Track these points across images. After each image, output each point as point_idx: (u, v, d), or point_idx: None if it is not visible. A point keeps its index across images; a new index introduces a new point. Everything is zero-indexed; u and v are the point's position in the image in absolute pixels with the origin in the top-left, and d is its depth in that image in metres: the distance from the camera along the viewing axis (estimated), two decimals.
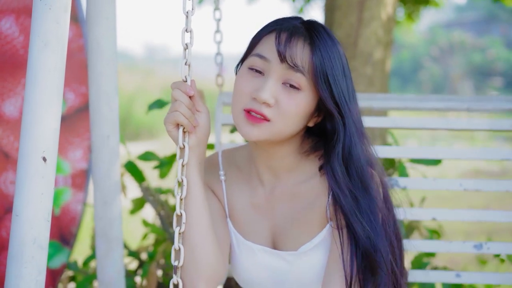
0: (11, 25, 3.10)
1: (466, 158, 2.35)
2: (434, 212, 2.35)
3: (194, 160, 1.69)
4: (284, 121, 1.68)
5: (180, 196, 1.63)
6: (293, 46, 1.66)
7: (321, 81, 1.67)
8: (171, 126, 1.66)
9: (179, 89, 1.66)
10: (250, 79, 1.70)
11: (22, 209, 1.59)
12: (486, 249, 2.32)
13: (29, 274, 1.59)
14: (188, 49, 1.62)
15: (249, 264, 1.88)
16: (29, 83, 1.60)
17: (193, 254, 1.70)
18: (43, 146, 1.59)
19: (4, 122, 3.13)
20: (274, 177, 1.85)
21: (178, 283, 1.60)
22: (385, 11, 3.45)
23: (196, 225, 1.70)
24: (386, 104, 2.41)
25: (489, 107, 2.37)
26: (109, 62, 2.11)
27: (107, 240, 2.25)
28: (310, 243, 1.81)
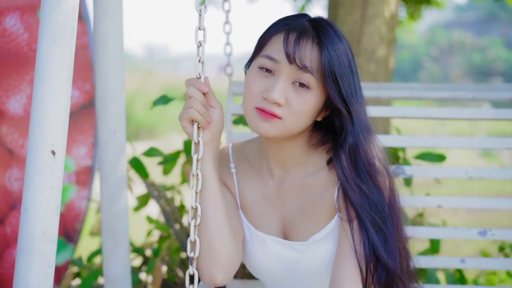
0: (16, 22, 3.11)
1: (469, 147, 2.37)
2: (440, 200, 2.37)
3: (208, 154, 1.73)
4: (295, 119, 1.72)
5: (196, 190, 1.66)
6: (302, 48, 1.69)
7: (330, 80, 1.70)
8: (186, 122, 1.70)
9: (193, 86, 1.70)
10: (260, 78, 1.73)
11: (31, 203, 1.59)
12: (490, 235, 2.34)
13: (38, 267, 1.59)
14: (201, 47, 1.64)
15: (261, 254, 1.92)
16: (38, 77, 1.61)
17: (211, 245, 1.75)
18: (51, 140, 1.60)
19: (9, 119, 3.13)
20: (283, 170, 1.89)
21: (194, 274, 1.63)
22: (389, 8, 3.46)
23: (212, 217, 1.74)
24: (392, 93, 2.42)
25: (495, 96, 2.37)
26: (115, 57, 2.12)
27: (113, 234, 2.26)
28: (319, 233, 1.85)
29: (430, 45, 22.82)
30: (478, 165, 9.73)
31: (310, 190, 1.87)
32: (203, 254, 1.76)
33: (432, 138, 2.39)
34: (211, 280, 1.79)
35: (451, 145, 2.38)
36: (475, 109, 2.37)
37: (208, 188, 1.74)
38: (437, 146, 2.37)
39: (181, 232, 2.73)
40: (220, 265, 1.77)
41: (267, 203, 1.92)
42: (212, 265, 1.76)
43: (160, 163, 2.78)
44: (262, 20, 14.57)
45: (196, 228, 1.65)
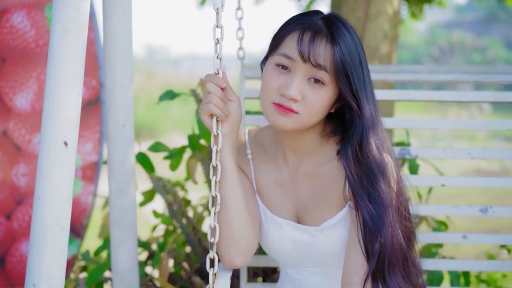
0: (23, 19, 3.13)
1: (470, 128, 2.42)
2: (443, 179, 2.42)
3: (227, 146, 1.82)
4: (311, 113, 1.79)
5: (215, 180, 1.72)
6: (316, 47, 1.75)
7: (342, 76, 1.76)
8: (205, 116, 1.78)
9: (212, 81, 1.77)
10: (277, 75, 1.80)
11: (44, 192, 1.62)
12: (491, 212, 2.38)
13: (51, 256, 1.62)
14: (219, 44, 1.69)
15: (276, 236, 2.00)
16: (50, 69, 1.63)
17: (231, 231, 1.85)
18: (64, 131, 1.62)
19: (16, 115, 3.16)
20: (297, 158, 1.96)
21: (214, 258, 1.71)
22: (391, 6, 3.49)
23: (232, 205, 1.84)
24: (397, 76, 2.46)
25: (497, 79, 2.41)
26: (124, 52, 2.15)
27: (121, 228, 2.28)
28: (332, 219, 1.93)
29: (430, 45, 22.86)
30: (478, 165, 9.75)
31: (322, 178, 1.94)
32: (223, 240, 1.86)
33: (437, 121, 2.45)
34: (231, 263, 1.90)
35: (456, 127, 2.44)
36: (476, 92, 2.41)
37: (227, 178, 1.83)
38: (440, 127, 2.43)
39: (187, 225, 2.76)
40: (240, 249, 1.88)
41: (282, 188, 2.00)
42: (232, 249, 1.88)
43: (165, 157, 2.80)
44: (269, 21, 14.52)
45: (216, 215, 1.72)
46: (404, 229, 1.89)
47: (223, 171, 1.82)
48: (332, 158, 1.93)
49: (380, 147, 1.86)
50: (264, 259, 2.48)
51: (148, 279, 2.74)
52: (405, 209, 1.92)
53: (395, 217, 1.83)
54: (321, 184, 1.94)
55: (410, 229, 1.95)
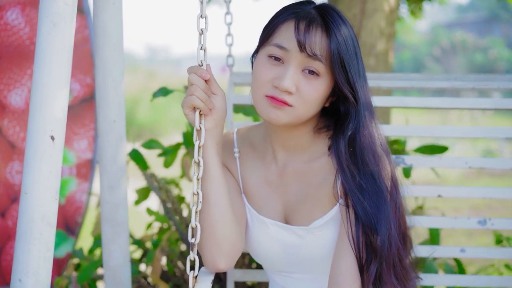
0: (17, 16, 3.12)
1: (472, 136, 2.37)
2: (440, 189, 2.37)
3: (211, 142, 1.75)
4: (305, 106, 1.74)
5: (197, 176, 1.67)
6: (312, 36, 1.71)
7: (338, 67, 1.72)
8: (188, 110, 1.72)
9: (195, 73, 1.71)
10: (270, 67, 1.75)
11: (31, 187, 1.61)
12: (490, 225, 2.34)
13: (37, 251, 1.61)
14: (203, 34, 1.66)
15: (262, 237, 1.93)
16: (38, 63, 1.63)
17: (214, 232, 1.77)
18: (51, 125, 1.62)
19: (10, 113, 3.15)
20: (287, 155, 1.91)
21: (195, 260, 1.63)
22: (388, 3, 3.47)
23: (216, 204, 1.77)
24: (393, 83, 2.43)
25: (495, 86, 2.38)
26: (115, 47, 2.13)
27: (113, 224, 2.27)
28: (321, 219, 1.86)
29: (432, 45, 22.83)
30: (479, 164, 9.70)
31: (313, 175, 1.88)
32: (206, 240, 1.78)
33: (433, 128, 2.40)
34: (214, 266, 1.81)
35: (452, 134, 2.39)
36: (475, 98, 2.37)
37: (210, 175, 1.76)
38: (438, 136, 2.38)
39: (180, 223, 2.75)
40: (223, 251, 1.80)
41: (269, 187, 1.94)
42: (215, 251, 1.79)
43: (160, 155, 2.79)
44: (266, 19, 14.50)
45: (197, 214, 1.66)
46: (399, 228, 1.84)
47: (205, 167, 1.74)
48: (323, 154, 1.87)
49: (376, 141, 1.81)
50: (252, 274, 2.46)
51: (141, 276, 2.73)
52: (400, 208, 1.86)
53: (391, 214, 1.78)
54: (311, 181, 1.88)
55: (405, 229, 1.90)
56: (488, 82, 2.40)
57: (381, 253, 1.73)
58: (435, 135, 2.36)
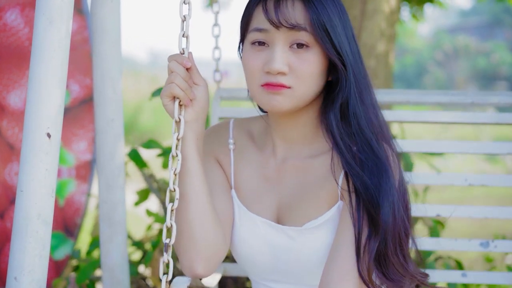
0: (16, 17, 3.12)
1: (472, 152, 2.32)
2: (438, 208, 2.31)
3: (191, 135, 1.64)
4: (304, 84, 1.63)
5: (174, 171, 1.55)
6: (283, 8, 1.61)
7: (320, 32, 1.61)
8: (167, 100, 1.62)
9: (175, 60, 1.62)
10: (256, 53, 1.66)
11: (27, 185, 1.60)
12: (493, 247, 2.26)
13: (33, 249, 1.60)
14: (186, 21, 1.57)
15: (249, 237, 1.81)
16: (34, 60, 1.62)
17: (191, 233, 1.66)
18: (47, 122, 1.60)
19: (9, 114, 3.14)
20: (288, 148, 1.80)
21: (169, 262, 1.50)
22: (388, 4, 3.46)
23: (193, 202, 1.66)
24: (389, 98, 2.37)
25: (494, 101, 2.33)
26: (113, 45, 2.12)
27: (110, 224, 2.26)
28: (316, 220, 1.73)
29: (435, 49, 22.84)
30: (482, 169, 9.63)
31: (313, 172, 1.76)
32: (182, 242, 1.67)
33: (435, 143, 2.34)
34: (192, 271, 1.70)
35: (454, 150, 2.34)
36: (475, 113, 2.32)
37: (189, 171, 1.64)
38: (440, 151, 2.33)
39: None
40: (201, 254, 1.68)
41: (265, 183, 1.82)
42: (192, 254, 1.68)
43: (159, 155, 2.78)
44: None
45: (173, 212, 1.53)
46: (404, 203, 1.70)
47: (183, 162, 1.62)
48: (326, 150, 1.74)
49: (369, 108, 1.70)
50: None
51: (140, 278, 2.72)
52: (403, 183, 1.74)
53: (394, 186, 1.63)
54: (310, 179, 1.75)
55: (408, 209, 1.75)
56: (487, 97, 2.35)
57: (385, 228, 1.60)
58: (433, 151, 2.32)
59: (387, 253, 1.62)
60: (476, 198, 7.46)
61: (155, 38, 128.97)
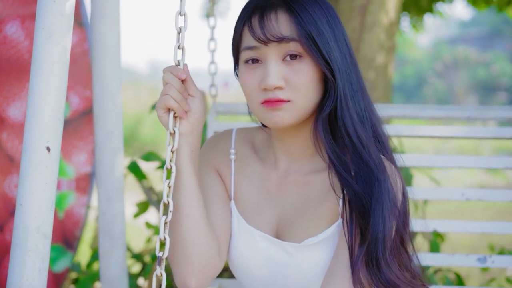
0: (17, 29, 3.13)
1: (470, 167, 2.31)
2: (436, 223, 2.31)
3: (185, 148, 1.62)
4: (302, 95, 1.61)
5: (168, 184, 1.52)
6: (268, 23, 1.60)
7: (308, 41, 1.59)
8: (161, 111, 1.59)
9: (170, 72, 1.60)
10: (251, 72, 1.64)
11: (26, 198, 1.59)
12: (490, 262, 2.25)
13: (32, 262, 1.60)
14: (181, 33, 1.57)
15: (247, 251, 1.77)
16: (34, 74, 1.62)
17: (184, 245, 1.64)
18: (47, 136, 1.60)
19: (9, 126, 3.15)
20: (290, 163, 1.77)
21: (162, 275, 1.46)
22: (387, 16, 3.48)
23: (187, 215, 1.63)
24: (386, 112, 2.35)
25: (491, 115, 2.33)
26: (112, 58, 2.13)
27: (110, 236, 2.26)
28: (316, 237, 1.69)
29: (435, 60, 22.87)
30: (483, 181, 9.60)
31: (314, 188, 1.73)
32: (174, 255, 1.65)
33: (434, 157, 2.34)
34: (185, 284, 1.67)
35: (454, 164, 2.33)
36: (474, 127, 2.32)
37: (182, 184, 1.62)
38: (439, 165, 2.33)
39: None
40: (194, 268, 1.66)
41: (265, 196, 1.78)
42: (185, 268, 1.65)
43: (158, 167, 2.79)
44: None
45: (166, 225, 1.50)
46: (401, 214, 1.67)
47: (178, 175, 1.59)
48: (327, 166, 1.69)
49: (359, 114, 1.66)
50: None
51: None
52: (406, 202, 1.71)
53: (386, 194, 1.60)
54: (311, 195, 1.72)
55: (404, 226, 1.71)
56: (484, 111, 2.35)
57: (375, 238, 1.57)
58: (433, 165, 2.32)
59: (379, 263, 1.59)
60: (476, 209, 7.44)
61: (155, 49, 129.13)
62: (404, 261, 1.71)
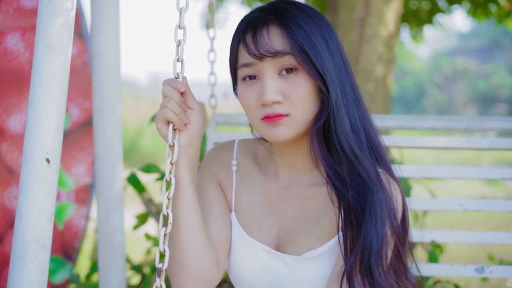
0: (17, 41, 3.14)
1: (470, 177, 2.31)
2: (435, 233, 2.31)
3: (184, 160, 1.63)
4: (300, 108, 1.62)
5: (168, 196, 1.54)
6: (261, 39, 1.62)
7: (301, 54, 1.61)
8: (161, 124, 1.61)
9: (169, 85, 1.61)
10: (249, 88, 1.66)
11: (26, 210, 1.60)
12: (488, 272, 2.25)
13: (31, 274, 1.60)
14: (180, 46, 1.58)
15: (247, 262, 1.78)
16: (34, 86, 1.62)
17: (181, 256, 1.65)
18: (46, 148, 1.61)
19: (9, 137, 3.15)
20: (291, 175, 1.79)
21: (162, 287, 1.48)
22: (386, 28, 3.49)
23: (185, 227, 1.65)
24: (384, 123, 2.36)
25: (489, 126, 2.33)
26: (112, 69, 2.14)
27: (109, 248, 2.26)
28: (316, 250, 1.70)
29: (434, 72, 22.91)
30: (482, 192, 9.57)
31: (315, 201, 1.74)
32: (174, 266, 1.66)
33: (434, 168, 2.34)
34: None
35: (453, 175, 2.32)
36: (473, 138, 2.32)
37: (181, 196, 1.63)
38: (439, 176, 2.32)
39: None
40: (191, 278, 1.67)
41: (266, 208, 1.79)
42: (183, 279, 1.67)
43: (158, 179, 2.79)
44: None
45: (166, 237, 1.52)
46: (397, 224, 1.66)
47: (177, 187, 1.61)
48: None
49: (358, 129, 1.67)
50: None
51: None
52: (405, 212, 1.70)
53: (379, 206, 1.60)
54: (312, 207, 1.73)
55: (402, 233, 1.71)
56: (481, 122, 2.35)
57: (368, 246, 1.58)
58: (432, 176, 2.31)
59: (374, 273, 1.59)
60: (476, 221, 7.42)
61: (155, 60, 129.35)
62: (402, 272, 1.71)
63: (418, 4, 5.18)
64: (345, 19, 3.47)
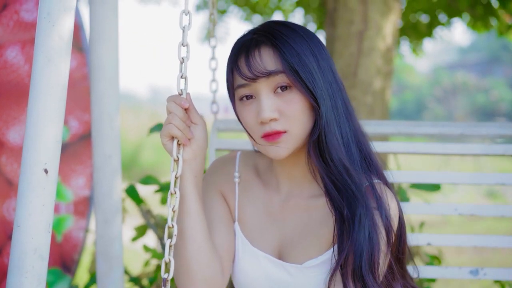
0: (17, 54, 3.15)
1: (463, 183, 2.32)
2: (430, 237, 2.32)
3: (189, 174, 1.69)
4: (296, 124, 1.68)
5: (172, 208, 1.59)
6: (253, 61, 1.68)
7: (291, 73, 1.66)
8: (166, 139, 1.66)
9: (173, 101, 1.66)
10: (247, 108, 1.72)
11: (24, 220, 1.61)
12: (482, 275, 2.28)
13: (29, 284, 1.60)
14: (184, 63, 1.62)
15: (251, 270, 1.85)
16: (32, 97, 1.64)
17: (187, 267, 1.71)
18: (44, 158, 1.62)
19: (8, 150, 3.16)
20: (291, 186, 1.85)
21: None
22: (385, 42, 3.51)
23: (190, 238, 1.70)
24: (381, 129, 2.39)
25: (483, 132, 2.35)
26: (111, 82, 2.15)
27: (107, 259, 2.27)
28: (316, 259, 1.76)
29: (434, 86, 22.94)
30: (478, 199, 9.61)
31: (315, 212, 1.80)
32: (180, 277, 1.73)
33: (429, 174, 2.35)
34: None
35: (453, 181, 2.34)
36: (466, 144, 2.33)
37: (186, 209, 1.69)
38: (441, 182, 2.34)
39: None
40: (198, 287, 1.73)
41: (268, 218, 1.86)
42: (190, 287, 1.73)
43: (156, 191, 2.79)
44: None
45: (171, 248, 1.57)
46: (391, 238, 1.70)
47: (182, 200, 1.68)
48: None
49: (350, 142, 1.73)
50: None
51: None
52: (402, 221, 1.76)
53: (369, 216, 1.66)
54: (312, 218, 1.79)
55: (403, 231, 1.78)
56: (476, 128, 2.37)
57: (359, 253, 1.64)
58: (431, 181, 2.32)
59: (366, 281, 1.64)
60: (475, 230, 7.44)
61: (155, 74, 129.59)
62: (401, 276, 1.78)
63: (417, 17, 5.20)
64: (343, 33, 3.49)
